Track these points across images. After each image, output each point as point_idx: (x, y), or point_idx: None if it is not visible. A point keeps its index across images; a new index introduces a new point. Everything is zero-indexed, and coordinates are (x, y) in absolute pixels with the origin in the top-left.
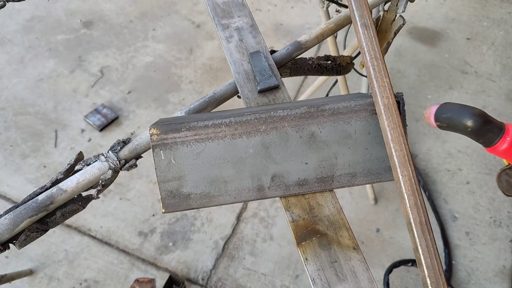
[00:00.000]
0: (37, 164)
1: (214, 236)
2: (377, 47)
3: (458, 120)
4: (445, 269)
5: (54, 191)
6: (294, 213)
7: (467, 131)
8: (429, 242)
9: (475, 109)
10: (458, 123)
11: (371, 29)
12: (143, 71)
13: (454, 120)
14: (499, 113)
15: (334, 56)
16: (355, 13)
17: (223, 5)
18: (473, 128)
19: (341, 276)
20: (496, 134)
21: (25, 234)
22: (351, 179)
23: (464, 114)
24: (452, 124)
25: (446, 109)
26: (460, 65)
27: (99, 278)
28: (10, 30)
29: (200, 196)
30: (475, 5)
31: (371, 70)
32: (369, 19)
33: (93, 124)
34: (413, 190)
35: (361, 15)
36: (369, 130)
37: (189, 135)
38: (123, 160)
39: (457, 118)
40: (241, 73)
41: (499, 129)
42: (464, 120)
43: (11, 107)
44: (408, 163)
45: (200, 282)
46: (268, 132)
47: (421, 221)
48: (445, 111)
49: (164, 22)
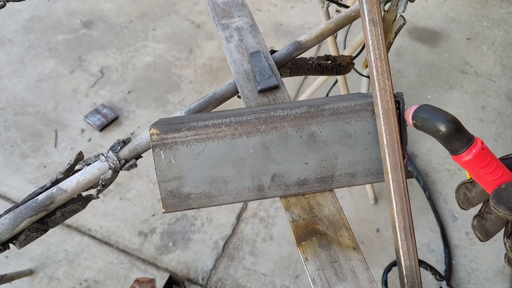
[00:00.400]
0: (37, 164)
1: (214, 236)
2: (383, 47)
3: (432, 123)
4: (445, 269)
5: (54, 191)
6: (294, 213)
7: (437, 135)
8: (410, 245)
9: (450, 115)
10: (431, 125)
11: (378, 26)
12: (143, 71)
13: (428, 121)
14: (499, 113)
15: (334, 56)
16: (364, 6)
17: (223, 5)
18: (444, 133)
19: (341, 276)
20: (463, 144)
21: (25, 234)
22: (351, 179)
23: (438, 118)
24: (426, 125)
25: (424, 110)
26: (460, 65)
27: (99, 278)
28: (10, 30)
29: (200, 196)
30: (475, 5)
31: (374, 71)
32: (378, 15)
33: (93, 124)
34: (401, 196)
35: (370, 9)
36: (369, 130)
37: (189, 135)
38: (123, 160)
39: (431, 120)
40: (241, 73)
41: (468, 140)
42: (438, 123)
43: (11, 107)
44: (400, 169)
45: (200, 282)
46: (268, 132)
47: (405, 225)
48: (423, 112)
49: (164, 22)
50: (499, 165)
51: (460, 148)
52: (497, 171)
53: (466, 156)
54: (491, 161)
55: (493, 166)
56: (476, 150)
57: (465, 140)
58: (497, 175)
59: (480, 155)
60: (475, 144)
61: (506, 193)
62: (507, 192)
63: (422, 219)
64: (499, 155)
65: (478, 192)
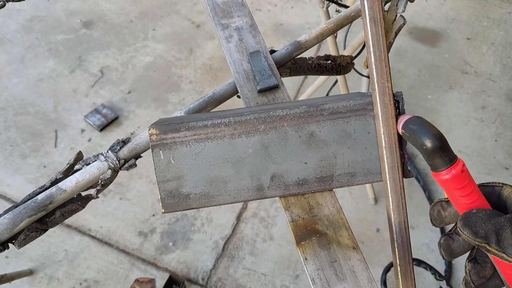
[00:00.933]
0: (37, 164)
1: (214, 236)
2: (383, 47)
3: (419, 135)
4: (445, 269)
5: (54, 190)
6: (293, 213)
7: (422, 148)
8: (404, 239)
9: (438, 132)
10: (418, 137)
11: (379, 26)
12: (143, 71)
13: (416, 133)
14: (499, 113)
15: (334, 56)
16: (365, 3)
17: (223, 5)
18: (428, 148)
19: (341, 275)
20: (445, 162)
21: (24, 234)
22: (350, 179)
23: (426, 133)
24: (413, 137)
25: (414, 122)
26: (460, 65)
27: (99, 278)
28: (10, 30)
29: (199, 196)
30: (475, 5)
31: (374, 73)
32: (380, 13)
33: (93, 124)
34: (397, 194)
35: (371, 7)
36: (368, 130)
37: (188, 135)
38: (123, 159)
39: (419, 133)
40: (241, 73)
41: (450, 160)
42: (424, 137)
43: (11, 107)
44: (397, 169)
45: (200, 282)
46: (267, 132)
47: (400, 221)
48: (413, 123)
49: (164, 22)
50: (475, 190)
51: (440, 166)
52: (472, 195)
53: (445, 175)
54: (468, 184)
55: (469, 190)
56: (456, 171)
57: (447, 159)
58: (471, 199)
59: (459, 177)
60: (456, 165)
61: (475, 218)
62: (476, 217)
63: (422, 219)
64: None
65: (452, 212)
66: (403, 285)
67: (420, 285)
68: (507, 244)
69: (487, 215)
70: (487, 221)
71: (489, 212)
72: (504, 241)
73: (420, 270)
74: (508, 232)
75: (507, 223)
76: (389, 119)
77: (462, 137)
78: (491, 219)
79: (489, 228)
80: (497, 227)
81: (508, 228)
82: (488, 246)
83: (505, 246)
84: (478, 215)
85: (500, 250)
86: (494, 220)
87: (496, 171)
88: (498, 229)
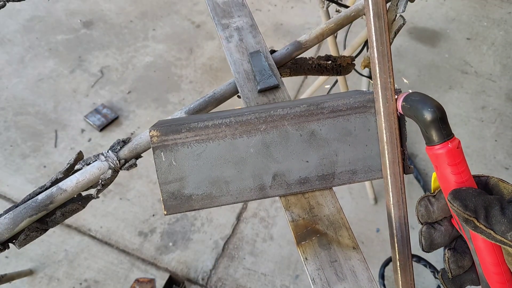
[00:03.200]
0: (37, 164)
1: (214, 236)
2: (386, 42)
3: (420, 105)
4: None
5: (54, 190)
6: (294, 213)
7: (422, 118)
8: (404, 234)
9: (439, 104)
10: (419, 108)
11: (383, 21)
12: (143, 71)
13: (417, 104)
14: (499, 113)
15: (335, 56)
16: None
17: (223, 5)
18: (428, 118)
19: (341, 275)
20: (442, 136)
21: (24, 234)
22: (352, 176)
23: (427, 103)
24: (413, 107)
25: (416, 94)
26: (460, 65)
27: (99, 278)
28: (10, 30)
29: (201, 197)
30: (475, 5)
31: (376, 67)
32: (383, 9)
33: (93, 124)
34: (398, 189)
35: (375, 2)
36: (368, 127)
37: (189, 136)
38: (123, 159)
39: (420, 103)
40: (241, 73)
41: (447, 134)
42: (425, 107)
43: (11, 107)
44: (398, 164)
45: (200, 282)
46: (268, 131)
47: (400, 216)
48: (414, 95)
49: (164, 22)
50: (467, 170)
51: (437, 139)
52: (463, 174)
53: (440, 149)
54: (462, 162)
55: (462, 168)
56: (452, 146)
57: (445, 132)
58: (462, 178)
59: (454, 152)
60: (452, 140)
61: (465, 193)
62: (466, 193)
63: None
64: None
65: (440, 207)
66: (402, 280)
67: (420, 285)
68: (495, 221)
69: (477, 192)
70: (477, 197)
71: (479, 191)
72: (493, 218)
73: (419, 270)
74: (497, 209)
75: (496, 201)
76: (390, 114)
77: (462, 137)
78: (481, 195)
79: (478, 203)
80: (486, 203)
81: (497, 205)
82: (477, 221)
83: (493, 222)
84: (468, 191)
85: (488, 226)
86: (483, 197)
87: (496, 171)
88: (487, 206)
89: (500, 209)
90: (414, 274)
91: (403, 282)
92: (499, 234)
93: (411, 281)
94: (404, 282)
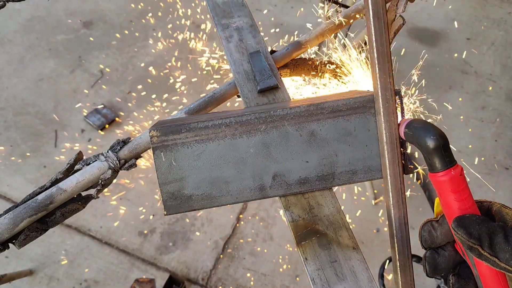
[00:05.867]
0: (37, 164)
1: (214, 236)
2: (386, 43)
3: (423, 133)
4: None
5: (54, 190)
6: (294, 213)
7: (425, 146)
8: (404, 234)
9: (441, 132)
10: (422, 135)
11: (382, 21)
12: (143, 71)
13: (420, 131)
14: (499, 113)
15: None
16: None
17: (223, 5)
18: (431, 146)
19: (341, 275)
20: (445, 163)
21: (24, 234)
22: (351, 176)
23: (430, 131)
24: (417, 134)
25: (419, 121)
26: (460, 65)
27: (99, 278)
28: (10, 30)
29: (201, 197)
30: (475, 5)
31: (376, 68)
32: (383, 9)
33: (93, 124)
34: (397, 189)
35: (375, 2)
36: (368, 127)
37: (189, 136)
38: (123, 159)
39: (423, 131)
40: (241, 73)
41: (450, 162)
42: (428, 135)
43: (11, 107)
44: (397, 164)
45: (200, 282)
46: (268, 131)
47: (400, 216)
48: (417, 123)
49: (164, 22)
50: (470, 197)
51: (440, 166)
52: (466, 201)
53: (443, 176)
54: (465, 189)
55: (465, 195)
56: (455, 173)
57: (447, 160)
58: (465, 205)
59: (456, 180)
60: (455, 167)
61: (468, 221)
62: (470, 220)
63: (422, 219)
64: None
65: (443, 232)
66: (402, 279)
67: (420, 285)
68: (499, 248)
69: (481, 220)
70: (481, 224)
71: (482, 218)
72: (497, 245)
73: (419, 270)
74: (500, 237)
75: (499, 229)
76: (390, 115)
77: (462, 137)
78: (485, 223)
79: (482, 230)
80: (490, 230)
81: (500, 233)
82: (481, 249)
83: (497, 250)
84: (472, 219)
85: (492, 254)
86: (487, 224)
87: (496, 171)
88: (491, 233)
89: (503, 237)
90: (414, 274)
91: (403, 282)
92: (503, 261)
93: (411, 281)
94: (404, 282)
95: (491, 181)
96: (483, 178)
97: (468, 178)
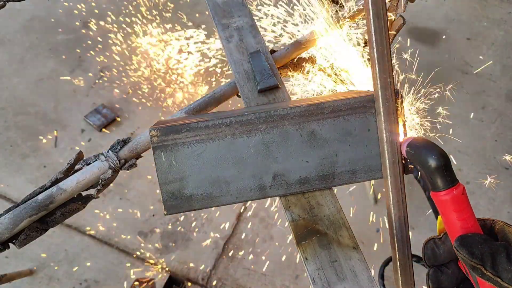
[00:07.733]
0: (37, 164)
1: (214, 236)
2: (386, 43)
3: (425, 152)
4: None
5: (54, 190)
6: (294, 213)
7: (426, 165)
8: (404, 234)
9: (443, 151)
10: (424, 155)
11: (383, 21)
12: (142, 71)
13: (421, 151)
14: (499, 113)
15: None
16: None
17: (223, 5)
18: (433, 165)
19: (341, 275)
20: (447, 182)
21: (25, 234)
22: (352, 176)
23: (432, 150)
24: (418, 153)
25: (421, 140)
26: (460, 65)
27: (99, 278)
28: (10, 30)
29: (202, 197)
30: (475, 5)
31: (376, 68)
32: (383, 9)
33: (93, 124)
34: (398, 189)
35: (375, 2)
36: (368, 127)
37: (189, 136)
38: (123, 159)
39: (424, 150)
40: (241, 73)
41: (452, 181)
42: (430, 154)
43: (11, 107)
44: (398, 164)
45: (200, 282)
46: (268, 131)
47: (400, 216)
48: (419, 142)
49: (164, 22)
50: (472, 216)
51: (442, 186)
52: (469, 220)
53: (446, 195)
54: (467, 208)
55: (467, 214)
56: (457, 192)
57: (449, 179)
58: (467, 224)
59: (458, 199)
60: (457, 186)
61: (471, 240)
62: (472, 239)
63: (422, 219)
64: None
65: (446, 250)
66: (402, 279)
67: (420, 285)
68: (502, 268)
69: (483, 239)
70: (483, 244)
71: (485, 237)
72: (499, 265)
73: (419, 270)
74: (503, 256)
75: (502, 248)
76: (390, 114)
77: (462, 137)
78: (487, 242)
79: (485, 250)
80: (493, 250)
81: (503, 253)
82: (484, 268)
83: (500, 270)
84: (474, 238)
85: (495, 274)
86: (490, 244)
87: (496, 171)
88: (494, 253)
89: (506, 256)
90: (414, 274)
91: (403, 282)
92: (506, 281)
93: (411, 281)
94: (404, 282)
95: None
96: (483, 178)
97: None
